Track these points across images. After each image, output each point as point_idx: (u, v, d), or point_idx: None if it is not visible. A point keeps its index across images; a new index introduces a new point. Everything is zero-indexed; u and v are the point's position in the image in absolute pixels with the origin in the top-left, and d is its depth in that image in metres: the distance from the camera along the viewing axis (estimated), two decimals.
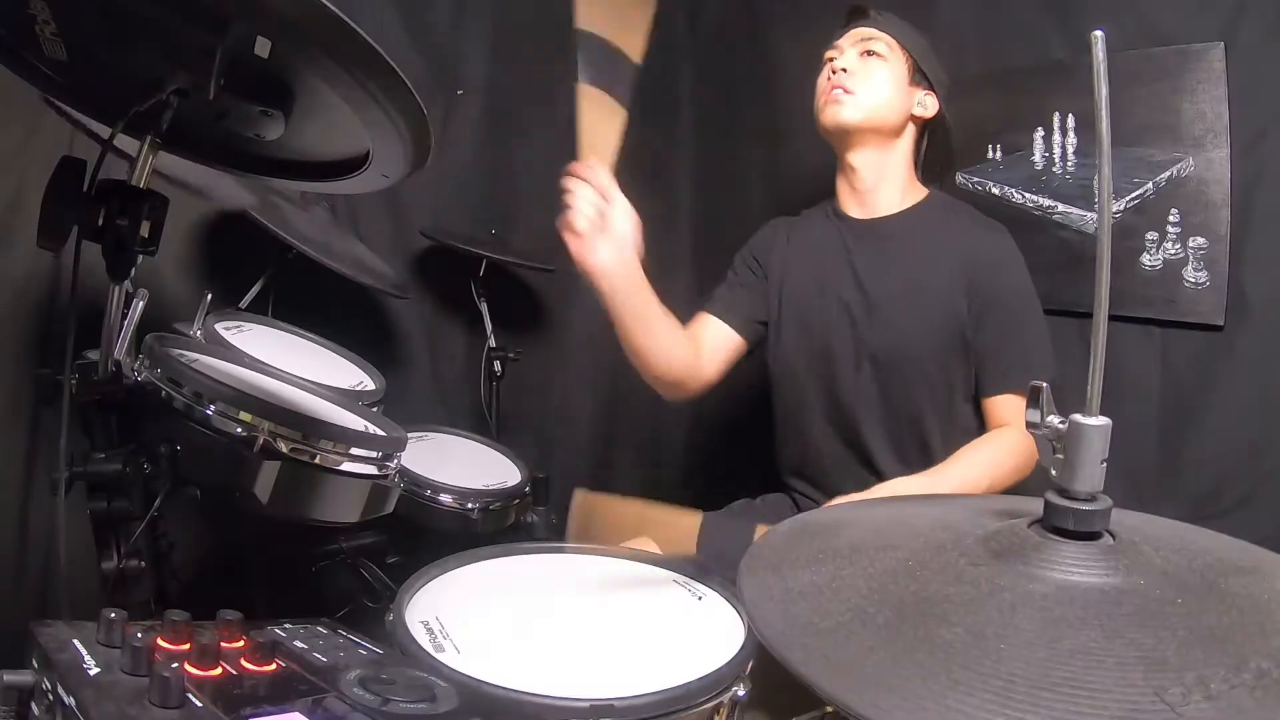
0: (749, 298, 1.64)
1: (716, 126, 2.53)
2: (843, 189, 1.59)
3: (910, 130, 1.55)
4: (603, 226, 1.24)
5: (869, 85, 1.48)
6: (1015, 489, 1.38)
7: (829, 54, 1.54)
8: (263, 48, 0.78)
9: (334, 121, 0.87)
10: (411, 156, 0.89)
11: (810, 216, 1.68)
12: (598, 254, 1.25)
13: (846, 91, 1.48)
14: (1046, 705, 0.47)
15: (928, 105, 1.53)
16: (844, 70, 1.49)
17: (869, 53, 1.50)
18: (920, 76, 1.51)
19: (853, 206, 1.58)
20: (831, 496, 1.50)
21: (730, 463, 2.32)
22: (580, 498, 1.25)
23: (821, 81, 1.54)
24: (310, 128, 0.94)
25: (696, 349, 1.54)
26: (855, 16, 1.56)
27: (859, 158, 1.53)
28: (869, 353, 1.53)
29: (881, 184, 1.55)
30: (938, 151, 1.60)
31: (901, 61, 1.50)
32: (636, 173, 2.46)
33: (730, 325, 1.61)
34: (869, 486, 1.38)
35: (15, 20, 0.83)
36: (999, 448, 1.40)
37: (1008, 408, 1.45)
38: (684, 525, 1.21)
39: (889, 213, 1.55)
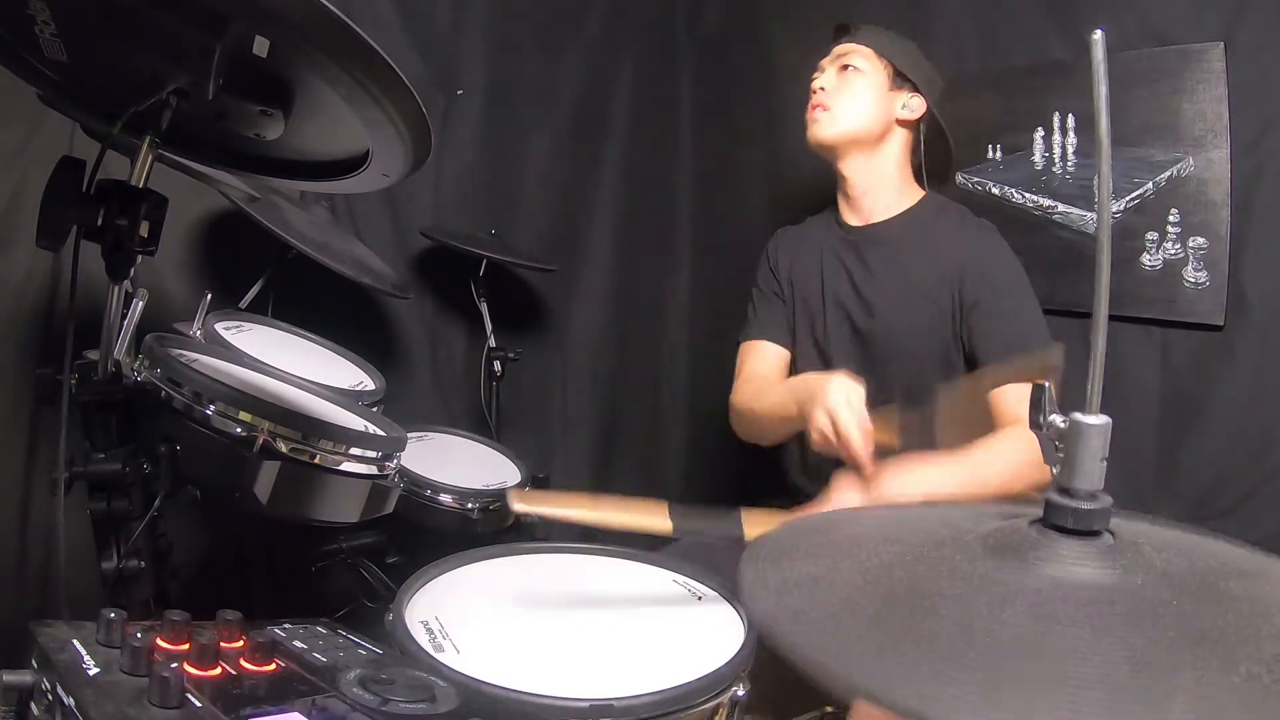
0: (783, 310, 1.70)
1: (715, 126, 2.53)
2: (840, 197, 1.64)
3: (898, 134, 1.57)
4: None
5: (845, 100, 1.53)
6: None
7: (813, 75, 1.59)
8: (261, 47, 0.78)
9: (334, 121, 0.87)
10: (411, 156, 0.89)
11: (813, 225, 1.73)
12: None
13: (824, 109, 1.54)
14: (1024, 698, 0.48)
15: (913, 107, 1.55)
16: (822, 89, 1.55)
17: (846, 67, 1.54)
18: (902, 80, 1.54)
19: (850, 214, 1.63)
20: None
21: (731, 463, 2.32)
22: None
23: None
24: (310, 127, 0.94)
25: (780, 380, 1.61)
26: (840, 34, 1.61)
27: (847, 167, 1.58)
28: (869, 355, 1.55)
29: (873, 189, 1.58)
30: (936, 154, 1.62)
31: (880, 70, 1.54)
32: (637, 173, 2.50)
33: (779, 343, 1.68)
34: None
35: (15, 21, 0.84)
36: (1014, 442, 1.34)
37: (1007, 397, 1.45)
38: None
39: (883, 218, 1.58)
